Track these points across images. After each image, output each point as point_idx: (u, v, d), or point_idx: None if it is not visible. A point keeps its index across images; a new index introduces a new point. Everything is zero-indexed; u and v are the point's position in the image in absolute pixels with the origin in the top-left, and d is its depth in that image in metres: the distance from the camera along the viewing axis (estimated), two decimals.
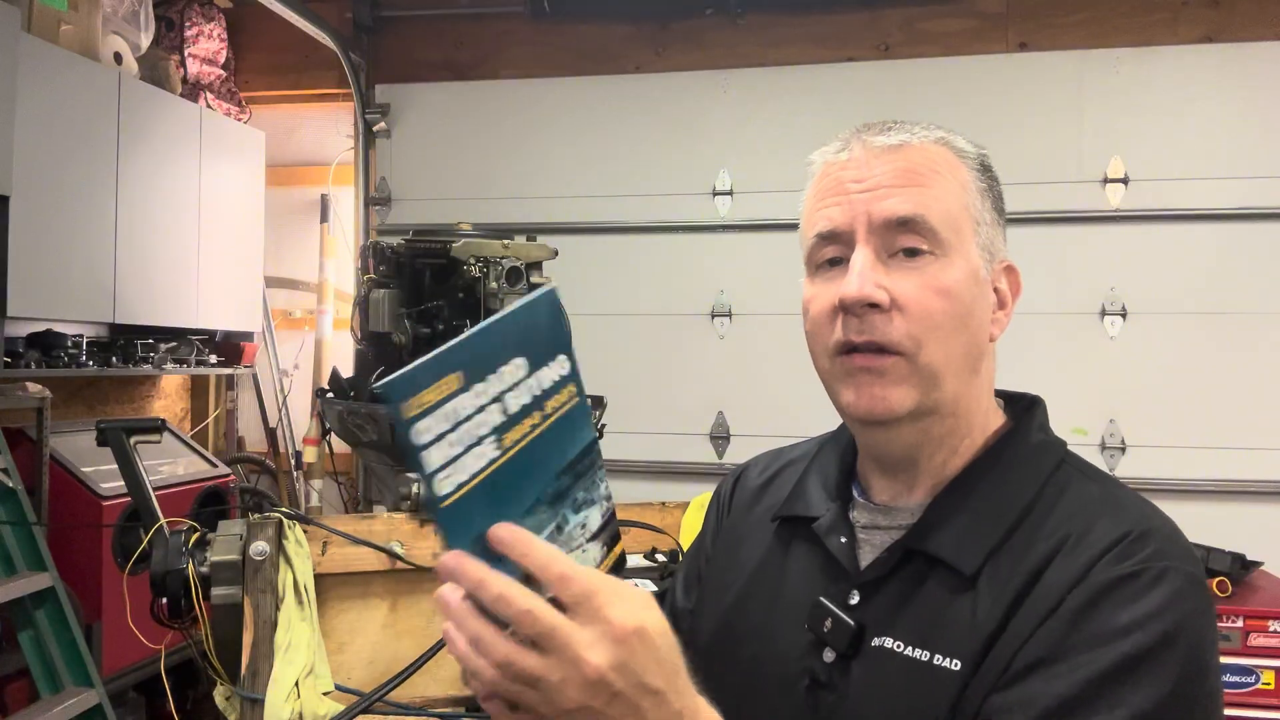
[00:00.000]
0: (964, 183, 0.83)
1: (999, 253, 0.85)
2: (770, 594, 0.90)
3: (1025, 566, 0.76)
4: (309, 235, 4.39)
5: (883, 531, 0.86)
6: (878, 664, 0.79)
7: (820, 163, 0.86)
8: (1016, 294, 0.87)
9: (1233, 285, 3.35)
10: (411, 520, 1.46)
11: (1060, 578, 0.74)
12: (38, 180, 2.92)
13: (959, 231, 0.81)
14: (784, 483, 0.98)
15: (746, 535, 0.97)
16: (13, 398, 2.87)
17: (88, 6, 3.22)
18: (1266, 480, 3.29)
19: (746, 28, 3.76)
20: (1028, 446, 0.85)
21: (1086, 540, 0.75)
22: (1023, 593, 0.75)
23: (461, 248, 1.58)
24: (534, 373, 0.67)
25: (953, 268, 0.80)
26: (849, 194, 0.81)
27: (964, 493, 0.82)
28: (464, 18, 3.99)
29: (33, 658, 2.65)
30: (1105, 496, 0.81)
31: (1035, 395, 0.90)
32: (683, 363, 3.74)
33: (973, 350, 0.82)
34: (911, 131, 0.83)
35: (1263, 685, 2.64)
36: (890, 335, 0.78)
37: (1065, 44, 3.51)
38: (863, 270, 0.79)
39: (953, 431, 0.84)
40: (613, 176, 3.81)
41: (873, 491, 0.89)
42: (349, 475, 4.17)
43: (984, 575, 0.77)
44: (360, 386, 1.69)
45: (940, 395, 0.80)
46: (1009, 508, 0.80)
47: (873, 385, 0.80)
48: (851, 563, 0.85)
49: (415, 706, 1.43)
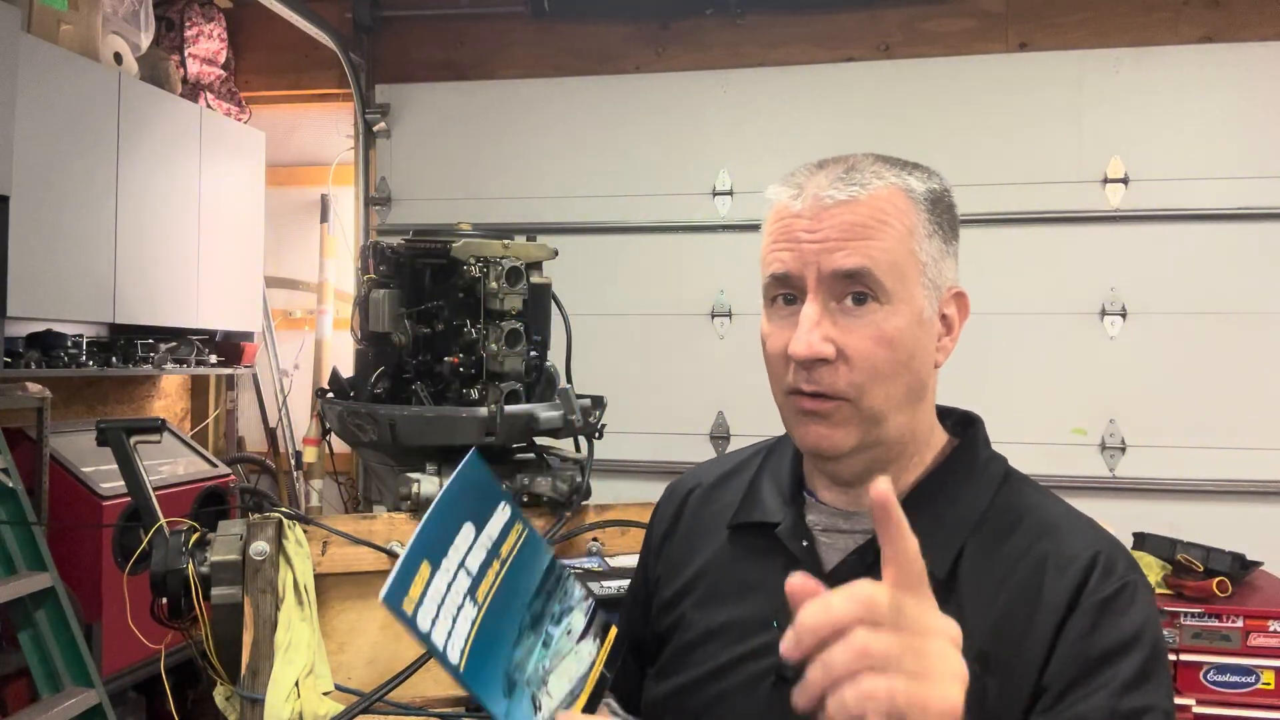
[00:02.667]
0: (910, 228, 0.87)
1: (947, 281, 0.90)
2: (729, 598, 0.94)
3: (1008, 581, 0.84)
4: (309, 235, 4.39)
5: (844, 535, 0.91)
6: None
7: (774, 202, 0.92)
8: (964, 317, 0.93)
9: (1233, 285, 3.35)
10: (411, 520, 1.46)
11: (1054, 599, 0.82)
12: (38, 180, 2.92)
13: (904, 278, 0.86)
14: (731, 491, 1.02)
15: (696, 547, 1.01)
16: (13, 398, 2.87)
17: (88, 6, 3.22)
18: (1266, 480, 3.29)
19: (746, 28, 3.76)
20: (977, 461, 0.93)
21: (1066, 560, 0.83)
22: (1015, 609, 0.82)
23: (461, 248, 1.58)
24: (482, 530, 0.77)
25: (896, 315, 0.85)
26: (800, 243, 0.87)
27: (923, 504, 0.88)
28: (464, 18, 3.99)
29: (33, 658, 2.65)
30: (1060, 513, 0.90)
31: (974, 413, 0.98)
32: (683, 363, 3.73)
33: (915, 386, 0.88)
34: (863, 182, 0.87)
35: (1263, 685, 2.64)
36: (836, 385, 0.85)
37: (1065, 44, 3.51)
38: (810, 328, 0.85)
39: (900, 455, 0.91)
40: (613, 176, 3.81)
41: (824, 497, 0.95)
42: (349, 475, 4.17)
43: (961, 583, 0.84)
44: (360, 386, 1.69)
45: (882, 431, 0.87)
46: (966, 515, 0.88)
47: (819, 426, 0.87)
48: (815, 565, 0.89)
49: (415, 706, 1.42)
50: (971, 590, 0.84)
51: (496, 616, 0.77)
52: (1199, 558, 2.83)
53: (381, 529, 1.46)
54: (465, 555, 0.75)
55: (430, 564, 0.72)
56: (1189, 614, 2.69)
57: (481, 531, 0.77)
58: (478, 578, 0.76)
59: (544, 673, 0.81)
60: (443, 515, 0.75)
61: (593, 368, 2.35)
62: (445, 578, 0.73)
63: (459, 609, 0.73)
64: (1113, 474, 3.41)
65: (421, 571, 0.71)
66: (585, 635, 0.85)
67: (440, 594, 0.72)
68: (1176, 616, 2.70)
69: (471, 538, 0.76)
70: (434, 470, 1.50)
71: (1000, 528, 0.87)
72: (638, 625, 1.06)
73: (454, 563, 0.74)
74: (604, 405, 1.66)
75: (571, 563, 1.42)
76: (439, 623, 0.71)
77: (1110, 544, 0.86)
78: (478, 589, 0.76)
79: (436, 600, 0.71)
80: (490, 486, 0.81)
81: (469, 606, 0.74)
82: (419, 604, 0.70)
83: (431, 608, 0.71)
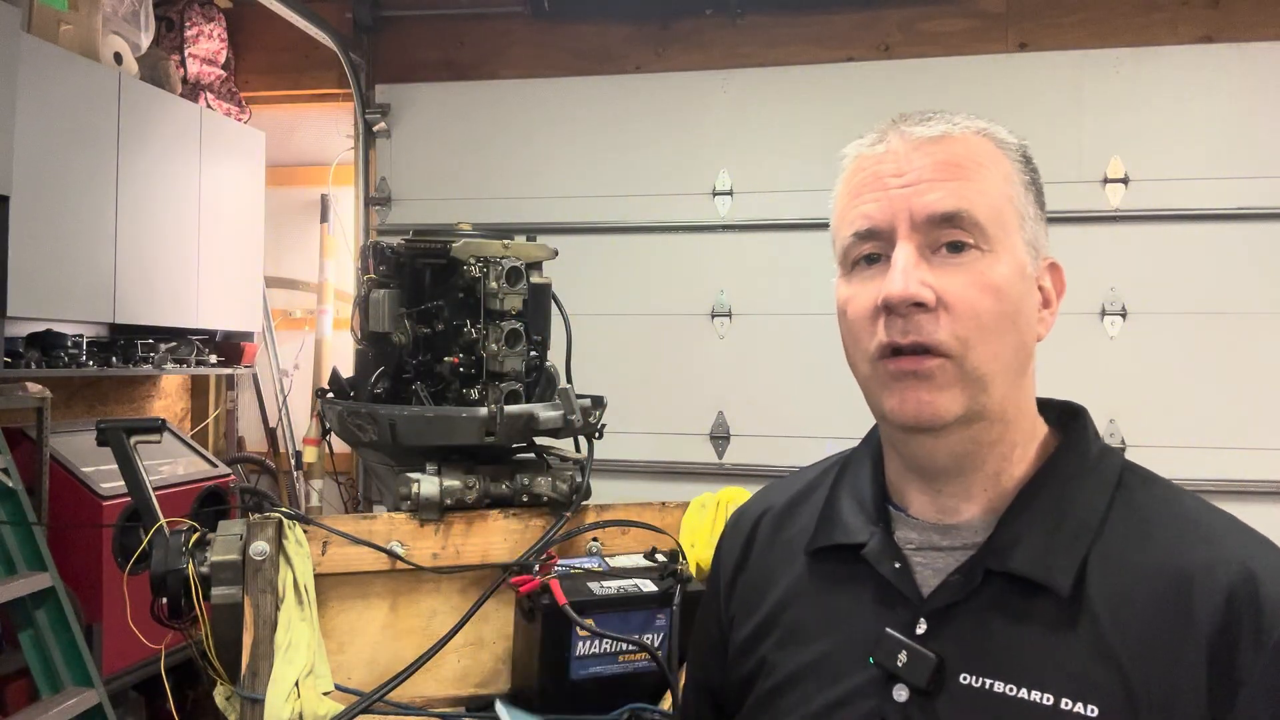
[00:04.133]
0: (1007, 175, 0.78)
1: (1043, 249, 0.81)
2: (816, 634, 0.82)
3: (1144, 601, 0.71)
4: (309, 235, 4.39)
5: (943, 553, 0.79)
6: (976, 706, 0.72)
7: (853, 156, 0.81)
8: (1061, 292, 0.83)
9: (1233, 285, 3.35)
10: (411, 520, 1.46)
11: (1200, 629, 0.68)
12: (38, 180, 2.92)
13: (1005, 226, 0.76)
14: (805, 513, 0.90)
15: (772, 579, 0.89)
16: (13, 398, 2.87)
17: (88, 6, 3.22)
18: (1266, 480, 3.29)
19: (746, 28, 3.76)
20: (1089, 456, 0.80)
21: (1207, 579, 0.70)
22: (1156, 636, 0.69)
23: (461, 248, 1.57)
24: None
25: (1000, 264, 0.75)
26: (888, 189, 0.76)
27: (1035, 506, 0.77)
28: (464, 18, 3.99)
29: (33, 658, 2.65)
30: (1192, 518, 0.76)
31: (1079, 404, 0.86)
32: (683, 363, 3.73)
33: (1021, 351, 0.78)
34: (952, 121, 0.78)
35: None
36: (937, 336, 0.74)
37: (1065, 44, 3.51)
38: (906, 267, 0.74)
39: (1002, 438, 0.79)
40: (613, 176, 3.81)
41: (914, 509, 0.82)
42: (349, 475, 4.17)
43: (1091, 602, 0.72)
44: (360, 386, 1.69)
45: (988, 399, 0.76)
46: (1085, 521, 0.75)
47: (919, 390, 0.75)
48: (912, 589, 0.78)
49: (415, 706, 1.42)
50: (1105, 606, 0.71)
51: None
52: None
53: (381, 529, 1.46)
54: None
55: None
56: None
57: None
58: None
59: None
60: None
61: (593, 368, 2.35)
62: None
63: None
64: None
65: None
66: None
67: None
68: None
69: None
70: (434, 470, 1.50)
71: (1127, 533, 0.74)
72: (714, 673, 0.94)
73: None
74: (604, 405, 1.65)
75: (571, 563, 1.42)
76: None
77: (1260, 552, 0.72)
78: None
79: None
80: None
81: None
82: None
83: None
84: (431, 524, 1.47)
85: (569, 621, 1.28)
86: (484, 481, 1.51)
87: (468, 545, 1.47)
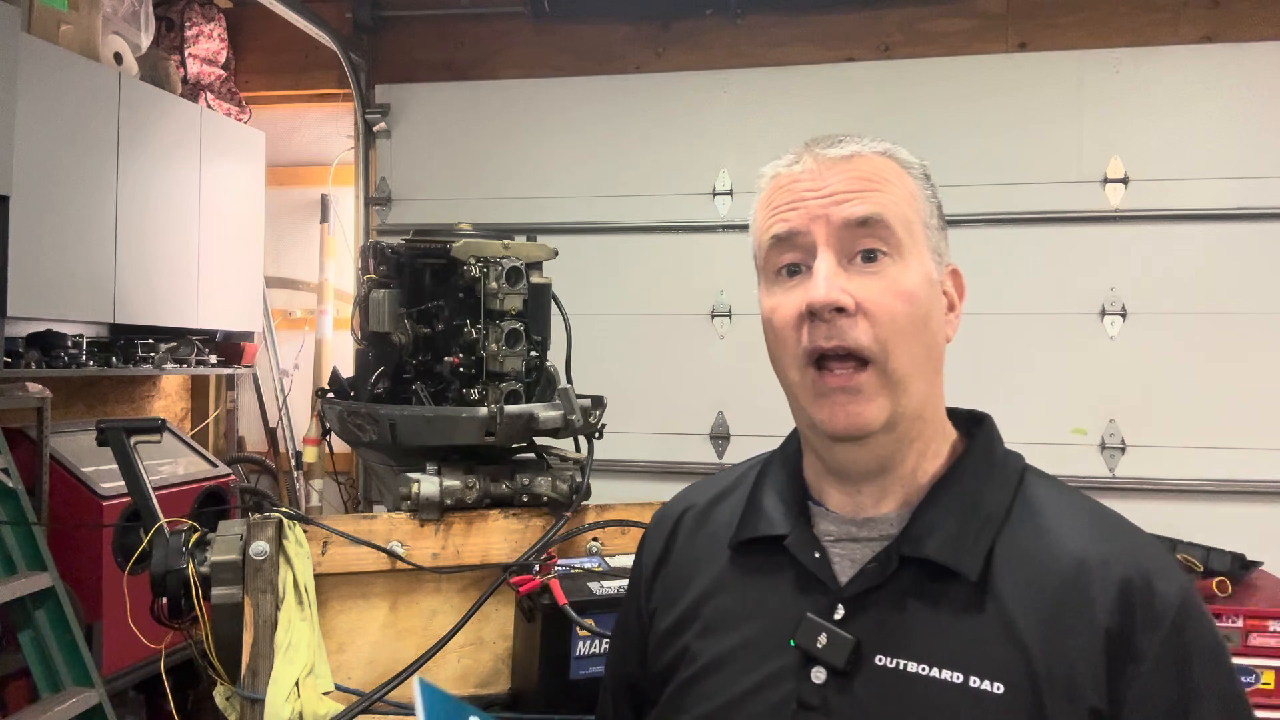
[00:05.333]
0: (911, 191, 0.85)
1: (945, 256, 0.88)
2: (738, 621, 0.87)
3: (1044, 587, 0.77)
4: (309, 235, 4.39)
5: (859, 544, 0.85)
6: (890, 686, 0.77)
7: (771, 175, 0.88)
8: (962, 296, 0.90)
9: (1233, 285, 3.35)
10: (411, 520, 1.47)
11: (1096, 615, 0.75)
12: (38, 180, 2.92)
13: (913, 234, 0.83)
14: (727, 510, 0.96)
15: (695, 572, 0.94)
16: (13, 398, 2.87)
17: (88, 6, 3.22)
18: (1266, 480, 3.29)
19: (746, 28, 3.76)
20: (995, 455, 0.87)
21: (1100, 568, 0.77)
22: (1055, 620, 0.76)
23: (461, 248, 1.57)
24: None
25: (910, 270, 0.82)
26: (806, 201, 0.83)
27: (946, 499, 0.84)
28: (464, 18, 3.99)
29: (33, 658, 2.65)
30: (1085, 512, 0.84)
31: (982, 411, 0.92)
32: (683, 363, 3.74)
33: (933, 352, 0.84)
34: (860, 142, 0.86)
35: (1263, 685, 2.64)
36: (859, 339, 0.80)
37: (1065, 44, 3.51)
38: (828, 275, 0.80)
39: (920, 435, 0.85)
40: (613, 176, 3.81)
41: (832, 505, 0.88)
42: (349, 475, 4.17)
43: (997, 586, 0.78)
44: (360, 386, 1.69)
45: (908, 400, 0.82)
46: (992, 514, 0.82)
47: (848, 404, 0.81)
48: (830, 577, 0.84)
49: None
50: (1009, 592, 0.78)
51: None
52: (1199, 558, 2.83)
53: (381, 529, 1.46)
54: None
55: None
56: None
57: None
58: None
59: None
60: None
61: (593, 368, 2.35)
62: None
63: None
64: (1113, 474, 3.41)
65: None
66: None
67: None
68: None
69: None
70: (434, 470, 1.50)
71: (1027, 526, 0.82)
72: (632, 666, 0.97)
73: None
74: (604, 405, 1.66)
75: (571, 563, 1.42)
76: None
77: (1143, 545, 0.81)
78: None
79: None
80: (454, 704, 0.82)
81: None
82: None
83: None
84: (431, 524, 1.47)
85: (569, 621, 1.28)
86: (484, 481, 1.51)
87: (468, 545, 1.47)
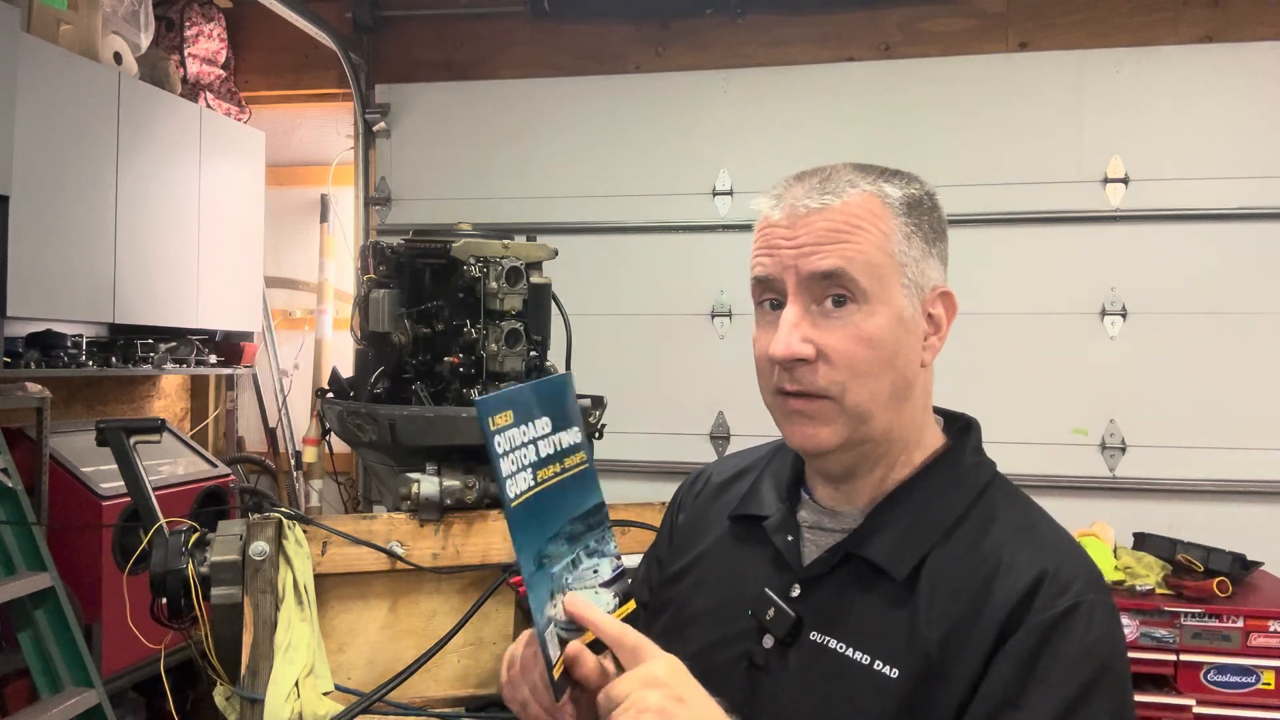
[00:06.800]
0: (887, 232, 0.90)
1: (930, 282, 0.93)
2: (720, 583, 1.01)
3: (961, 591, 0.85)
4: (309, 235, 4.39)
5: (826, 533, 0.96)
6: (816, 658, 0.89)
7: (760, 214, 0.96)
8: (952, 316, 0.95)
9: (1233, 285, 3.35)
10: (411, 520, 1.47)
11: (995, 614, 0.82)
12: (38, 180, 2.92)
13: (882, 279, 0.89)
14: (742, 485, 1.08)
15: (703, 530, 1.08)
16: (13, 398, 2.87)
17: (88, 6, 3.22)
18: (1266, 480, 3.29)
19: (746, 28, 3.76)
20: (960, 467, 0.95)
21: (1013, 574, 0.84)
22: (961, 620, 0.84)
23: (461, 248, 1.58)
24: (555, 433, 0.86)
25: (875, 315, 0.88)
26: (779, 249, 0.91)
27: (899, 505, 0.92)
28: (464, 18, 3.99)
29: (33, 658, 2.65)
30: (1026, 525, 0.90)
31: (971, 417, 1.00)
32: (683, 363, 3.73)
33: (900, 384, 0.90)
34: (837, 190, 0.90)
35: (1263, 685, 2.64)
36: (817, 384, 0.89)
37: (1065, 44, 3.51)
38: (789, 330, 0.89)
39: (887, 453, 0.93)
40: (613, 176, 3.81)
41: (817, 495, 0.99)
42: (349, 475, 4.17)
43: (921, 588, 0.87)
44: (360, 386, 1.69)
45: (870, 428, 0.90)
46: (938, 522, 0.90)
47: (804, 425, 0.91)
48: (796, 559, 0.95)
49: (415, 706, 1.42)
50: (928, 597, 0.86)
51: (545, 505, 0.84)
52: (1199, 558, 2.83)
53: (381, 529, 1.46)
54: (539, 437, 0.84)
55: (513, 416, 0.81)
56: (1189, 614, 2.69)
57: (555, 434, 0.86)
58: (541, 462, 0.84)
59: (565, 585, 0.86)
60: (532, 394, 0.84)
61: (593, 368, 2.35)
62: (520, 435, 0.82)
63: (521, 469, 0.82)
64: (1113, 474, 3.41)
65: (505, 415, 0.81)
66: (608, 586, 0.90)
67: (513, 443, 0.81)
68: (1177, 617, 2.70)
69: (546, 430, 0.85)
70: (434, 470, 1.50)
71: (969, 538, 0.89)
72: (653, 583, 1.12)
73: (530, 434, 0.83)
74: (604, 405, 1.66)
75: None
76: (506, 460, 0.80)
77: (1069, 559, 0.86)
78: (539, 471, 0.84)
79: (510, 443, 0.81)
80: (574, 407, 0.89)
81: (529, 475, 0.82)
82: (499, 430, 0.80)
83: (506, 443, 0.80)
84: (431, 524, 1.47)
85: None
86: (484, 481, 1.51)
87: (468, 545, 1.47)
